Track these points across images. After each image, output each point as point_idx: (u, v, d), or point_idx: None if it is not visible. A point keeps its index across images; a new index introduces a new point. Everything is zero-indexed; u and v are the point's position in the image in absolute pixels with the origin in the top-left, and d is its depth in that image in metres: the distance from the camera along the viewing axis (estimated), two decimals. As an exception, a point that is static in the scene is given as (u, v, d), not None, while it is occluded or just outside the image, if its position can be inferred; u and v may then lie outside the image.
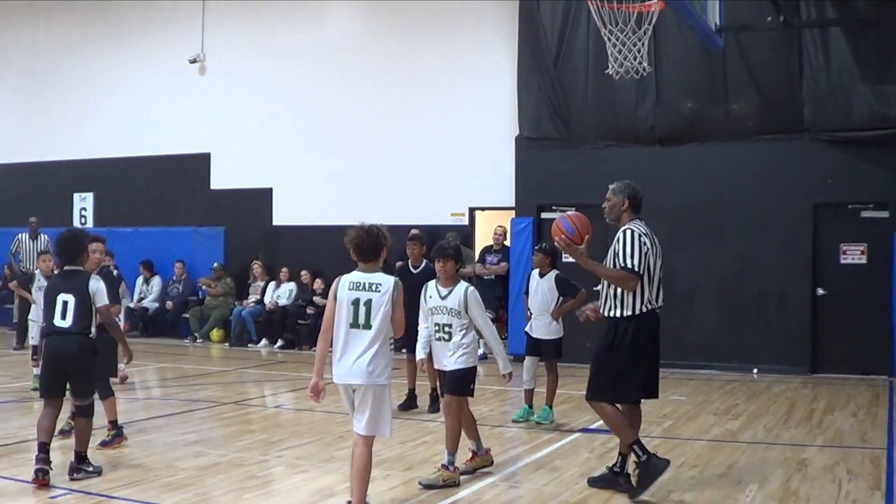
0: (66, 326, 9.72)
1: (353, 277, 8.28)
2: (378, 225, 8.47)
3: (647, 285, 9.39)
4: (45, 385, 9.92)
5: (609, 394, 9.50)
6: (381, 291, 8.18)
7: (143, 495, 9.25)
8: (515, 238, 21.60)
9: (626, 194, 9.71)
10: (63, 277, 10.04)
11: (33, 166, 29.44)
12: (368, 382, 8.10)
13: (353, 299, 8.15)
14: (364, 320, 8.13)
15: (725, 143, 20.21)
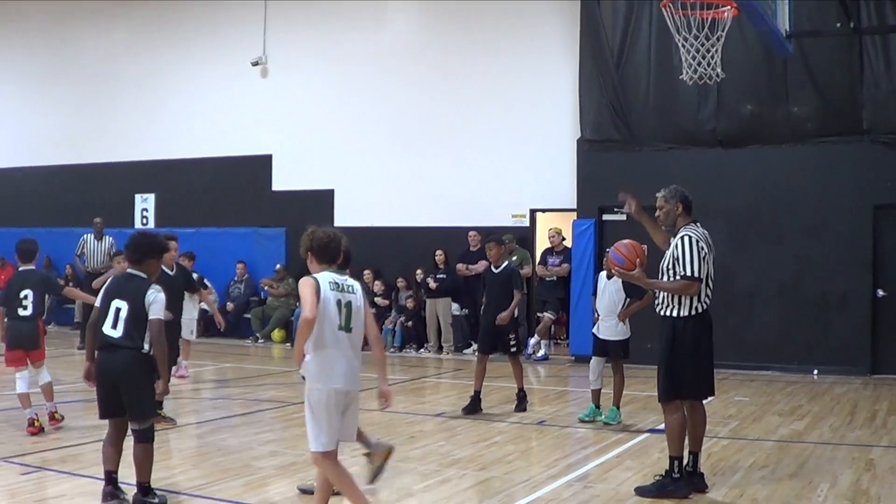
0: (116, 337, 8.72)
1: (330, 277, 7.81)
2: (337, 230, 8.20)
3: (705, 287, 9.54)
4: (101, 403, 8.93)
5: (676, 391, 9.62)
6: (357, 294, 7.90)
7: (224, 494, 9.45)
8: (577, 240, 21.69)
9: (679, 199, 9.84)
10: (122, 281, 9.11)
11: (95, 167, 29.79)
12: (357, 388, 7.92)
13: (336, 300, 7.73)
14: (345, 323, 7.76)
15: (786, 146, 20.24)
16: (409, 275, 24.12)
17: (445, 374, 20.41)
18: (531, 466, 11.07)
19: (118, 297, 8.79)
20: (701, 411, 9.88)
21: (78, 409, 14.53)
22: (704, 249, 9.52)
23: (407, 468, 10.73)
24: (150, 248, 9.14)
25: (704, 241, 9.60)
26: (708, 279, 9.57)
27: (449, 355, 22.73)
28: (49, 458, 9.88)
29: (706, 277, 9.53)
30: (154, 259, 9.15)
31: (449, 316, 22.99)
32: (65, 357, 20.99)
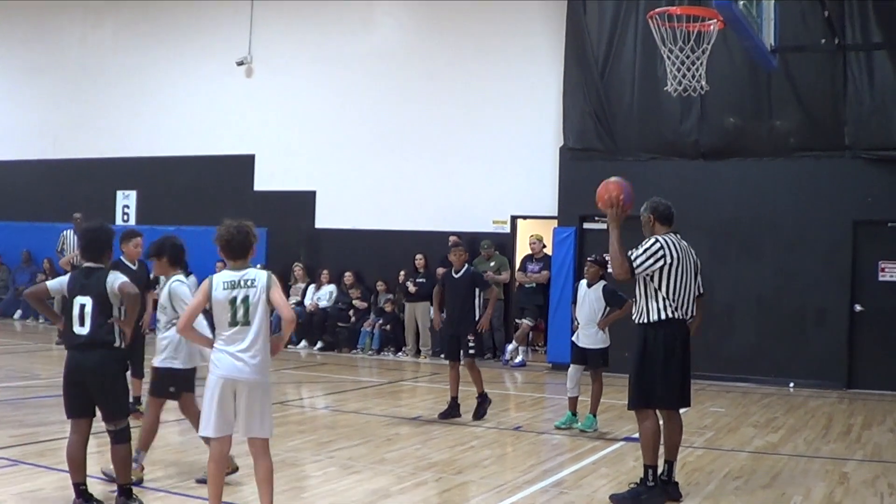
0: (85, 334, 8.55)
1: (226, 276, 7.97)
2: (248, 223, 8.23)
3: (668, 294, 9.60)
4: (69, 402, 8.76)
5: (646, 399, 9.68)
6: (257, 286, 7.92)
7: (202, 491, 9.33)
8: (557, 247, 21.73)
9: (650, 210, 9.95)
10: (81, 277, 8.79)
11: (78, 163, 29.72)
12: (256, 378, 7.90)
13: (231, 298, 7.87)
14: (243, 317, 7.88)
15: (767, 159, 20.31)
16: (390, 278, 24.14)
17: (422, 377, 20.42)
18: (506, 471, 11.12)
19: (80, 294, 8.62)
20: (677, 420, 9.95)
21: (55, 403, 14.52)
22: (664, 255, 9.58)
23: (383, 470, 10.78)
24: (108, 241, 9.02)
25: (673, 250, 9.66)
26: (676, 289, 9.63)
27: (426, 359, 22.75)
28: (28, 452, 9.86)
29: (675, 287, 9.62)
30: (109, 249, 9.06)
31: (427, 320, 22.98)
32: (42, 352, 20.99)
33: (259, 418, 7.92)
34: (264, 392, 7.99)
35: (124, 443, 8.63)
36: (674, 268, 9.59)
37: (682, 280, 9.66)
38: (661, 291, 9.61)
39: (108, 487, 8.96)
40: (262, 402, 7.95)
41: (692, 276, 9.81)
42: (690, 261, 9.82)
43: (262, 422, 7.96)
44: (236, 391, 7.87)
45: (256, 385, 7.91)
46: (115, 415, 8.63)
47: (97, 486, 8.97)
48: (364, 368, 21.52)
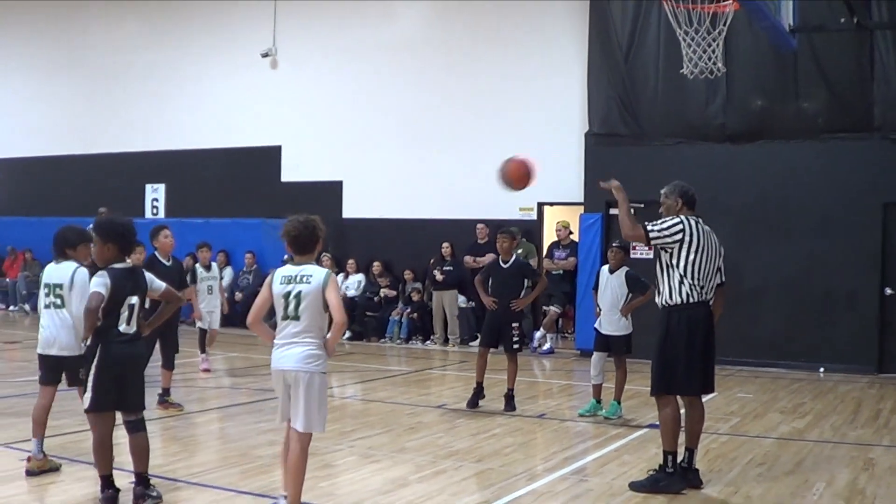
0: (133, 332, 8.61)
1: (286, 271, 8.13)
2: (314, 217, 8.27)
3: (689, 275, 9.46)
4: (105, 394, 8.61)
5: (666, 385, 9.58)
6: (312, 283, 7.97)
7: (221, 482, 9.48)
8: (584, 234, 21.66)
9: (678, 194, 9.82)
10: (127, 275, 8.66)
11: (106, 157, 29.90)
12: (301, 368, 7.96)
13: (285, 293, 8.01)
14: (293, 311, 7.99)
15: (795, 141, 20.14)
16: (417, 267, 24.13)
17: (450, 366, 20.39)
18: (528, 459, 11.07)
19: (132, 294, 8.57)
20: (699, 408, 9.80)
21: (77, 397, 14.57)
22: (684, 234, 9.46)
23: (403, 459, 10.76)
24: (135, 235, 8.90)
25: (696, 232, 9.53)
26: (698, 271, 9.47)
27: (455, 347, 22.72)
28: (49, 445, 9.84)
29: (694, 270, 9.47)
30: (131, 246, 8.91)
31: (455, 308, 22.99)
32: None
33: (302, 411, 7.97)
34: (309, 386, 7.98)
35: (144, 431, 8.66)
36: (694, 248, 9.46)
37: (705, 262, 9.50)
38: (681, 271, 9.47)
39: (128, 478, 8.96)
40: (306, 395, 7.96)
41: (714, 260, 9.65)
42: (713, 245, 9.66)
43: (304, 415, 7.97)
44: (289, 382, 8.04)
45: (302, 377, 7.97)
46: (140, 404, 8.68)
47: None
48: (392, 357, 21.51)
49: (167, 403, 13.55)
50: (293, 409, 8.01)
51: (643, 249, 20.31)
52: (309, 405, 7.96)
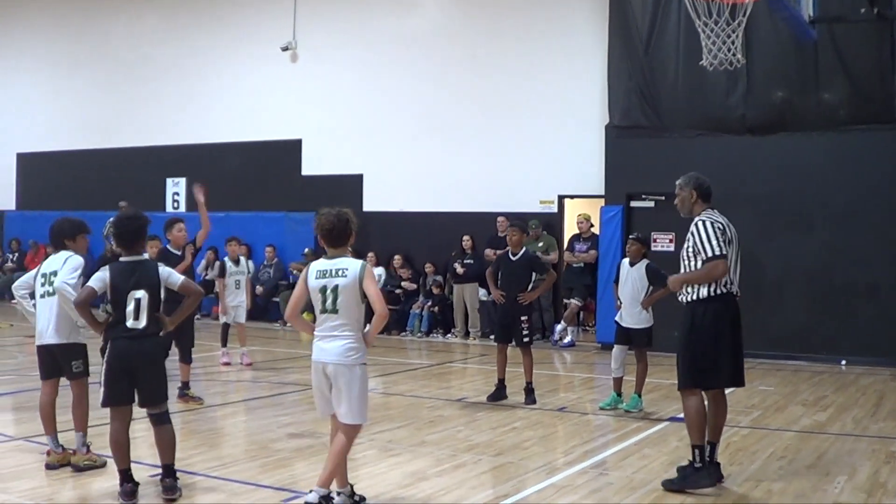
0: (141, 328, 8.53)
1: (321, 265, 8.24)
2: (347, 210, 8.36)
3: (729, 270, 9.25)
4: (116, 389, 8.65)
5: (694, 379, 9.30)
6: (348, 276, 8.07)
7: (240, 476, 9.48)
8: (605, 226, 21.62)
9: (693, 186, 9.56)
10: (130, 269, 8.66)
11: (127, 151, 29.97)
12: (340, 362, 8.07)
13: (321, 287, 8.12)
14: (331, 305, 8.08)
15: (816, 133, 20.03)
16: (438, 260, 24.14)
17: (471, 359, 20.39)
18: (548, 453, 11.04)
19: (135, 288, 8.52)
20: (722, 402, 9.60)
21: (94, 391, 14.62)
22: (721, 230, 9.23)
23: (423, 452, 10.75)
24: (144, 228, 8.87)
25: (722, 225, 9.29)
26: (729, 264, 9.24)
27: (475, 341, 22.73)
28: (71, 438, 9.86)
29: (731, 261, 9.26)
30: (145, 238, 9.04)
31: (476, 301, 22.98)
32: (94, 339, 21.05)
33: (345, 403, 8.11)
34: (350, 378, 8.11)
35: (169, 423, 8.71)
36: (728, 240, 9.28)
37: (733, 252, 9.34)
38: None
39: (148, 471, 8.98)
40: (347, 387, 8.09)
41: (738, 251, 9.50)
42: (735, 235, 9.48)
43: (347, 406, 8.11)
44: (328, 375, 8.16)
45: (342, 370, 8.09)
46: (159, 399, 8.68)
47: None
48: (413, 351, 21.50)
49: (187, 397, 13.60)
50: (336, 402, 8.15)
51: (664, 242, 20.32)
52: (351, 396, 8.09)
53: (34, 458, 9.77)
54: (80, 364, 9.58)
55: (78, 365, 9.55)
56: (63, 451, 9.52)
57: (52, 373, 9.72)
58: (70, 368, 9.55)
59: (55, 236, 9.86)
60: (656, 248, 19.67)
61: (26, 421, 11.41)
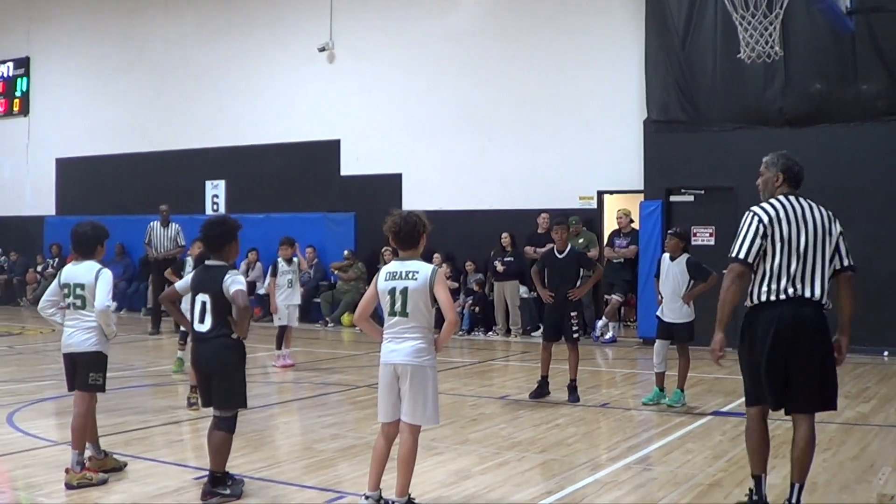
0: (205, 331, 8.75)
1: (391, 268, 8.19)
2: (417, 212, 8.33)
3: (773, 268, 7.97)
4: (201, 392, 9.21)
5: (746, 394, 8.27)
6: (418, 279, 8.01)
7: (284, 477, 9.54)
8: (644, 221, 21.62)
9: (780, 167, 8.37)
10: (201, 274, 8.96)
11: (166, 155, 30.16)
12: (410, 362, 8.01)
13: (390, 289, 8.08)
14: (401, 308, 8.04)
15: (855, 124, 19.96)
16: (478, 258, 24.16)
17: (513, 356, 20.44)
18: (591, 449, 11.08)
19: (200, 291, 8.77)
20: (802, 429, 8.18)
21: (145, 393, 14.75)
22: (765, 226, 7.95)
23: (466, 450, 10.77)
24: (227, 233, 8.95)
25: (775, 216, 7.99)
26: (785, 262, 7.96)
27: (517, 338, 22.76)
28: (114, 442, 9.95)
29: (773, 262, 7.95)
30: (231, 243, 8.98)
31: (517, 298, 23.01)
32: (137, 342, 21.24)
33: (413, 403, 8.04)
34: (422, 378, 8.05)
35: (224, 431, 8.71)
36: (779, 236, 7.97)
37: (794, 250, 7.98)
38: (765, 264, 8.03)
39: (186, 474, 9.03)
40: (418, 387, 8.03)
41: (815, 245, 8.10)
42: (815, 225, 8.11)
43: (416, 407, 8.05)
44: (399, 376, 8.09)
45: (414, 370, 8.02)
46: (225, 402, 8.74)
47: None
48: (454, 349, 21.50)
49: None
50: (407, 402, 8.06)
51: (704, 236, 20.29)
52: (419, 398, 8.03)
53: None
54: (98, 377, 9.38)
55: (96, 378, 9.36)
56: (105, 457, 9.54)
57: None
58: (86, 379, 9.35)
59: (87, 243, 9.60)
60: (696, 243, 19.64)
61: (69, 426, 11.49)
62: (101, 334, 9.38)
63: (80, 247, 9.63)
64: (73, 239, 9.66)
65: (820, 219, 8.19)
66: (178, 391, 14.36)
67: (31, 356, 19.65)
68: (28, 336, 23.19)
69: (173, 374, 16.07)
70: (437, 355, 8.20)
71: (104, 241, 9.77)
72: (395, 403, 8.11)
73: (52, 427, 12.30)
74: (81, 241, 9.59)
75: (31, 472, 9.65)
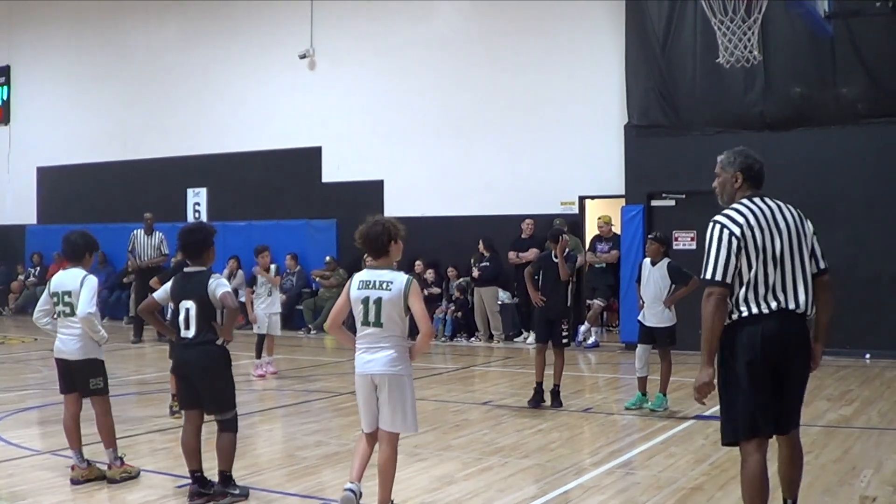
0: (190, 337, 8.79)
1: (364, 276, 8.03)
2: (388, 218, 8.19)
3: (749, 280, 7.05)
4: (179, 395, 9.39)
5: (733, 430, 7.14)
6: (392, 290, 7.88)
7: (267, 484, 9.53)
8: (626, 226, 21.62)
9: (738, 166, 7.47)
10: (183, 280, 9.00)
11: (147, 162, 30.11)
12: (387, 372, 7.91)
13: (363, 298, 7.93)
14: (374, 318, 7.91)
15: (835, 127, 20.02)
16: (461, 264, 24.16)
17: (495, 362, 20.42)
18: (574, 454, 11.08)
19: (184, 298, 8.83)
20: (788, 446, 7.60)
21: (129, 401, 14.72)
22: (738, 237, 7.01)
23: (449, 456, 10.78)
24: (206, 239, 9.05)
25: (745, 223, 7.06)
26: (761, 272, 7.05)
27: (500, 343, 22.75)
28: (98, 451, 9.92)
29: (758, 271, 7.04)
30: (210, 249, 9.06)
31: (495, 304, 23.00)
32: (119, 351, 21.17)
33: (392, 412, 7.95)
34: (399, 388, 7.95)
35: (229, 431, 8.89)
36: (752, 246, 7.07)
37: (768, 258, 7.09)
38: (743, 277, 7.08)
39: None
40: (396, 397, 7.93)
41: (787, 250, 7.20)
42: (787, 228, 7.27)
43: (395, 415, 7.96)
44: (376, 385, 7.98)
45: (391, 380, 7.92)
46: (220, 406, 8.86)
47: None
48: (437, 355, 21.50)
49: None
50: (382, 412, 7.98)
51: (686, 240, 20.35)
52: (397, 406, 7.93)
53: (61, 473, 9.79)
54: (99, 381, 9.53)
55: (97, 382, 9.51)
56: (88, 466, 9.53)
57: (71, 387, 9.67)
58: (87, 386, 9.49)
59: (77, 251, 9.72)
60: (678, 247, 19.67)
61: (52, 435, 11.44)
62: (91, 341, 9.45)
63: (69, 254, 9.79)
64: (63, 246, 9.82)
65: (792, 220, 7.33)
66: (161, 400, 14.31)
67: (13, 365, 19.57)
68: (10, 346, 23.09)
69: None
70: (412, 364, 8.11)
71: (93, 251, 9.94)
72: (377, 413, 8.04)
73: (35, 436, 12.27)
74: (72, 248, 9.73)
75: (14, 482, 9.62)
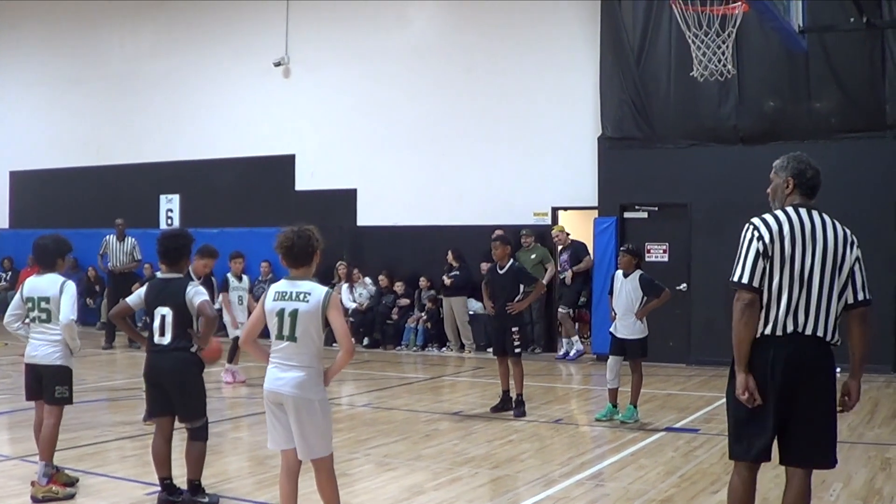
0: (165, 344, 8.75)
1: (281, 287, 7.53)
2: (310, 227, 7.69)
3: (775, 297, 6.75)
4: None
5: (731, 448, 7.03)
6: (310, 302, 7.36)
7: (236, 493, 9.51)
8: (598, 237, 21.62)
9: (790, 172, 7.22)
10: (159, 287, 8.99)
11: (120, 168, 29.95)
12: (295, 394, 7.34)
13: (278, 310, 7.41)
14: (289, 332, 7.38)
15: (808, 142, 19.95)
16: (433, 273, 24.11)
17: (465, 372, 20.37)
18: (544, 465, 11.03)
19: (160, 305, 8.80)
20: (796, 484, 7.09)
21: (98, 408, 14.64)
22: (765, 244, 6.75)
23: (419, 466, 10.77)
24: (186, 246, 9.11)
25: (776, 232, 6.81)
26: (781, 290, 6.73)
27: (471, 354, 22.71)
28: (66, 457, 9.89)
29: (781, 288, 6.73)
30: (188, 256, 9.15)
31: (464, 314, 22.95)
32: (90, 357, 21.06)
33: (303, 440, 7.41)
34: (309, 412, 7.37)
35: (199, 440, 8.90)
36: (778, 255, 6.78)
37: (795, 272, 6.77)
38: (768, 292, 6.77)
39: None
40: (306, 422, 7.37)
41: (818, 270, 6.86)
42: (823, 247, 6.94)
43: (307, 442, 7.41)
44: (284, 405, 7.43)
45: (299, 402, 7.35)
46: (191, 414, 8.87)
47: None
48: (408, 364, 21.51)
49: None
50: (296, 440, 7.42)
51: (658, 253, 20.39)
52: (308, 433, 7.41)
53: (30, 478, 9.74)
54: (64, 390, 9.36)
55: (62, 391, 9.33)
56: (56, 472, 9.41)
57: (38, 394, 9.54)
58: (52, 393, 9.30)
59: (49, 256, 9.57)
60: (650, 259, 19.74)
61: (22, 440, 11.38)
62: (66, 348, 9.37)
63: (41, 259, 9.66)
64: (34, 251, 9.70)
65: (833, 240, 6.97)
66: (131, 407, 14.25)
67: (-20, 371, 19.49)
68: (-21, 351, 23.01)
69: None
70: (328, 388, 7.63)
71: (66, 255, 9.78)
72: (287, 430, 7.47)
73: (3, 442, 12.22)
74: (44, 253, 9.61)
75: (-19, 488, 9.55)
